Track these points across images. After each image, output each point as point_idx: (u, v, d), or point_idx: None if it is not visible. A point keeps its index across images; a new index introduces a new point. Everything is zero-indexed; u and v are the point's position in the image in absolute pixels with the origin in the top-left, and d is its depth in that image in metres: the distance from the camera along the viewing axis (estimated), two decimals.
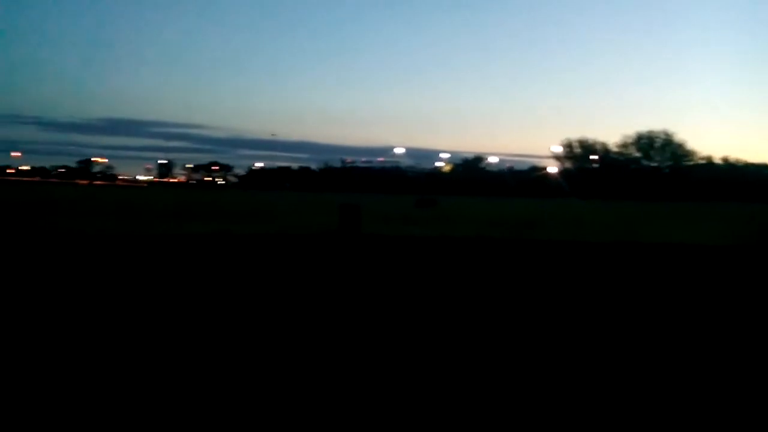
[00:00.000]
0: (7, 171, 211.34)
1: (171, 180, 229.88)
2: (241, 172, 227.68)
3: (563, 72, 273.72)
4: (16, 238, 17.39)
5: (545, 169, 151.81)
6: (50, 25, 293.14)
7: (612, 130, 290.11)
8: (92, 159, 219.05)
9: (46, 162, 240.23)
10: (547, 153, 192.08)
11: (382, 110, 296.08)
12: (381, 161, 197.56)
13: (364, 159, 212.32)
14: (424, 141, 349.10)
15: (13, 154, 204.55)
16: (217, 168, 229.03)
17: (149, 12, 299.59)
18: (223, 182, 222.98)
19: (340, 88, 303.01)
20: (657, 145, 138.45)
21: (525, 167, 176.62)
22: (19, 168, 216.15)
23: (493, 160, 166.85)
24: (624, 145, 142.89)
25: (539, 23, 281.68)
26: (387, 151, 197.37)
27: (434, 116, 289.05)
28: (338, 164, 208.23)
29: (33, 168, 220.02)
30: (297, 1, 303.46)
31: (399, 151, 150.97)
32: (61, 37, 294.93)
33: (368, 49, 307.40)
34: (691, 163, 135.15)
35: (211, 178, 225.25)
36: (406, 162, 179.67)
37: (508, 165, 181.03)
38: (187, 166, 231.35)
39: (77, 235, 18.76)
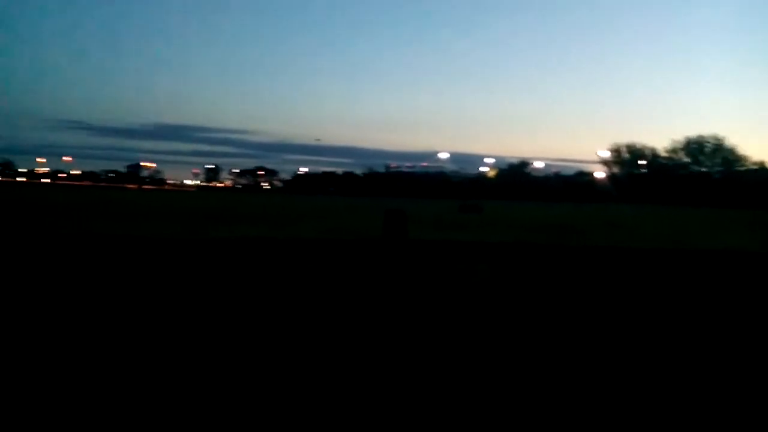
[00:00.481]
0: (59, 175, 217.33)
1: (217, 184, 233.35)
2: (286, 176, 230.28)
3: (611, 75, 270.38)
4: (67, 241, 17.79)
5: (592, 174, 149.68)
6: (99, 33, 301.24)
7: (660, 135, 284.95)
8: (141, 164, 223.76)
9: (97, 167, 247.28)
10: (594, 158, 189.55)
11: (426, 115, 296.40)
12: (425, 166, 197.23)
13: (408, 164, 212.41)
14: (468, 145, 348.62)
15: (64, 158, 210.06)
16: (262, 173, 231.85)
17: (196, 19, 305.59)
18: (268, 187, 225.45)
19: (385, 93, 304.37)
20: (707, 150, 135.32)
21: (571, 172, 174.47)
22: (71, 172, 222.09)
23: (538, 164, 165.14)
24: (673, 150, 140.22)
25: (586, 26, 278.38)
26: (431, 155, 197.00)
27: (479, 120, 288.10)
28: (382, 169, 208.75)
29: (84, 172, 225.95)
30: (340, 7, 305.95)
31: (443, 155, 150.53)
32: (111, 44, 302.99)
33: (412, 53, 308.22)
34: (743, 168, 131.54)
35: (256, 183, 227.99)
36: (451, 167, 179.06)
37: (554, 170, 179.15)
38: (234, 170, 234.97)
39: (126, 239, 19.11)
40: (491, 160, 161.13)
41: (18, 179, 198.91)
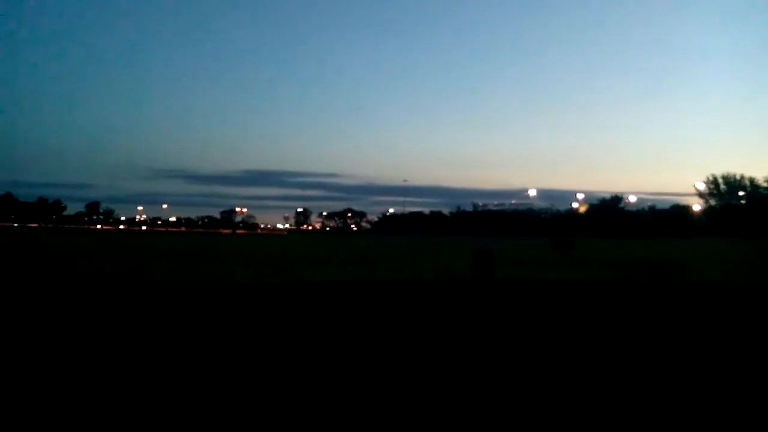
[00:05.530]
0: (158, 222, 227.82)
1: (308, 227, 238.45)
2: (374, 218, 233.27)
3: (705, 104, 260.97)
4: (166, 286, 18.60)
5: (689, 207, 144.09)
6: (195, 87, 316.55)
7: (760, 164, 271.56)
8: (235, 209, 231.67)
9: (192, 213, 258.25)
10: (690, 190, 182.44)
11: (513, 152, 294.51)
12: (514, 204, 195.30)
13: (496, 202, 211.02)
14: (557, 182, 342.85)
15: (163, 206, 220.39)
16: (350, 215, 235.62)
17: (283, 69, 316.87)
18: (356, 228, 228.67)
19: (471, 132, 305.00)
20: None
21: (666, 206, 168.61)
22: (168, 219, 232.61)
23: (631, 199, 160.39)
24: None
25: (678, 56, 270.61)
26: (519, 193, 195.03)
27: (568, 156, 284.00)
28: (470, 208, 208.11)
29: (180, 219, 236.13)
30: (422, 49, 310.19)
31: (532, 192, 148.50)
32: (203, 97, 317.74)
33: (499, 90, 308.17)
34: None
35: (345, 225, 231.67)
36: (540, 204, 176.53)
37: (648, 204, 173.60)
38: (323, 213, 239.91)
39: (222, 283, 19.81)
40: (582, 196, 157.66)
41: (120, 227, 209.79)
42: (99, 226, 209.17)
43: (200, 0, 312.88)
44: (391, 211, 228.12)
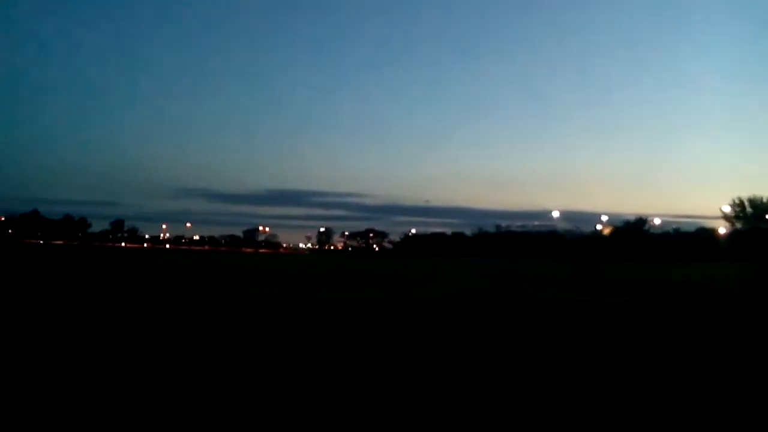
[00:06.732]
0: (182, 240, 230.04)
1: (330, 247, 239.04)
2: (396, 238, 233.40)
3: (730, 125, 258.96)
4: (192, 304, 19.07)
5: (714, 230, 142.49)
6: (217, 104, 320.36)
7: None
8: (257, 228, 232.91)
9: (215, 232, 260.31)
10: (715, 213, 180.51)
11: (537, 173, 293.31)
12: (537, 225, 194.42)
13: (519, 223, 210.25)
14: (581, 203, 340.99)
15: (187, 225, 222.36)
16: (372, 235, 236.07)
17: (305, 89, 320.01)
18: (377, 249, 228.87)
19: (493, 152, 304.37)
20: None
21: (692, 228, 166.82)
22: (192, 238, 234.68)
23: (656, 221, 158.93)
24: None
25: (701, 77, 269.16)
26: (543, 214, 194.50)
27: (592, 177, 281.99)
28: (492, 229, 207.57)
29: (203, 237, 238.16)
30: (446, 68, 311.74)
31: (555, 214, 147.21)
32: (227, 115, 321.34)
33: (521, 110, 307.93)
34: None
35: (367, 245, 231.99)
36: (564, 225, 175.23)
37: (673, 226, 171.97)
38: (345, 233, 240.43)
39: (248, 302, 20.26)
40: (606, 218, 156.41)
41: (144, 245, 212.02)
42: (123, 244, 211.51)
43: (228, 19, 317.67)
44: (413, 231, 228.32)
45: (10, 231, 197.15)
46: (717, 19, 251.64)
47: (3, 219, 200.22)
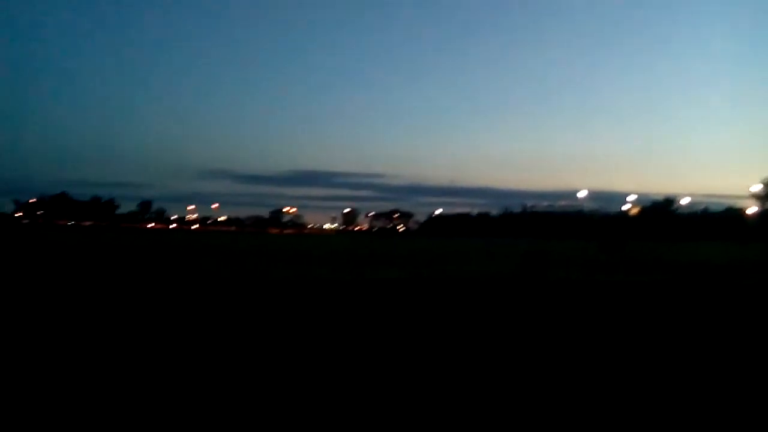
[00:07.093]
0: (207, 222, 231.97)
1: (355, 228, 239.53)
2: (421, 219, 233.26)
3: (760, 103, 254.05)
4: (221, 284, 19.82)
5: (743, 210, 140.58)
6: (242, 86, 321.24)
7: None
8: (283, 209, 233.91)
9: (241, 213, 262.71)
10: (744, 192, 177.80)
11: (563, 152, 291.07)
12: (563, 205, 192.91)
13: (545, 203, 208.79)
14: (608, 183, 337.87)
15: (212, 206, 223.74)
16: (397, 216, 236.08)
17: (332, 70, 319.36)
18: (403, 229, 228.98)
19: (520, 132, 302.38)
20: None
21: (721, 208, 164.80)
22: (218, 219, 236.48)
23: (684, 201, 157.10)
24: None
25: (731, 58, 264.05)
26: (569, 194, 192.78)
27: (619, 157, 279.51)
28: (518, 209, 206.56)
29: (229, 218, 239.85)
30: (472, 48, 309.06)
31: (582, 194, 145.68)
32: (252, 97, 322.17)
33: (547, 90, 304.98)
34: None
35: (393, 226, 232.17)
36: (590, 205, 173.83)
37: (701, 206, 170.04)
38: (370, 214, 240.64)
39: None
40: (633, 198, 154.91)
41: (171, 226, 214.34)
42: (152, 225, 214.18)
43: (254, 4, 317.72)
44: (438, 211, 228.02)
45: (38, 213, 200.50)
46: None
47: (34, 201, 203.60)
